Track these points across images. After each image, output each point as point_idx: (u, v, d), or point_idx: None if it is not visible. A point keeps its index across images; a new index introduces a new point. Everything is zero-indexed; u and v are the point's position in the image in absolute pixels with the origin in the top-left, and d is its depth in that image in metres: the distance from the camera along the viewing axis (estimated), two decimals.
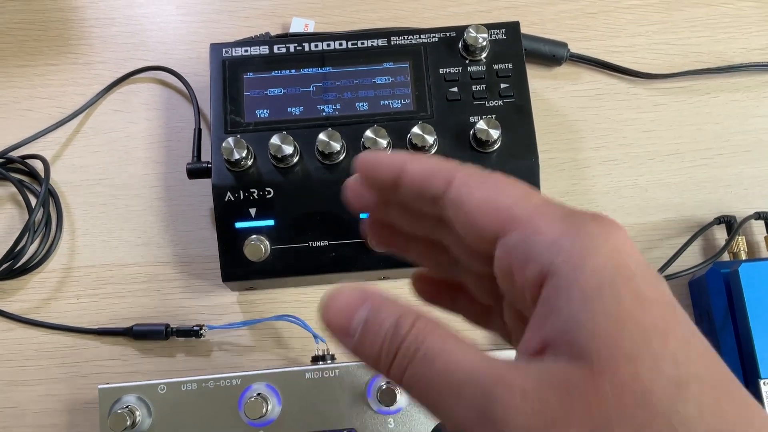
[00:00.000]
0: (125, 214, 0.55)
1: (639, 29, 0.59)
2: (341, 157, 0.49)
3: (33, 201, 0.55)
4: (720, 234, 0.54)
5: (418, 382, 0.22)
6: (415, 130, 0.48)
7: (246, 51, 0.52)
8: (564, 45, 0.57)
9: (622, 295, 0.22)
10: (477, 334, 0.33)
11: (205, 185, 0.52)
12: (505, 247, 0.24)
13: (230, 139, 0.47)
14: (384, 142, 0.47)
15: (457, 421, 0.22)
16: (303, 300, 0.53)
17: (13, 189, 0.55)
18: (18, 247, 0.52)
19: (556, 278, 0.23)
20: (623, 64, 0.58)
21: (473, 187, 0.25)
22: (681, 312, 0.22)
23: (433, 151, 0.49)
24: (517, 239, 0.24)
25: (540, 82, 0.58)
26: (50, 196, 0.55)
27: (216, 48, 0.52)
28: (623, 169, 0.56)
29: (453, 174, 0.25)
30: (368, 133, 0.48)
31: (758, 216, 0.53)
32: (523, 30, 0.53)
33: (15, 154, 0.56)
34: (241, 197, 0.49)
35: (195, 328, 0.51)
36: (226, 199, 0.49)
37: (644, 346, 0.21)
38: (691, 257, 0.53)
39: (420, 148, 0.48)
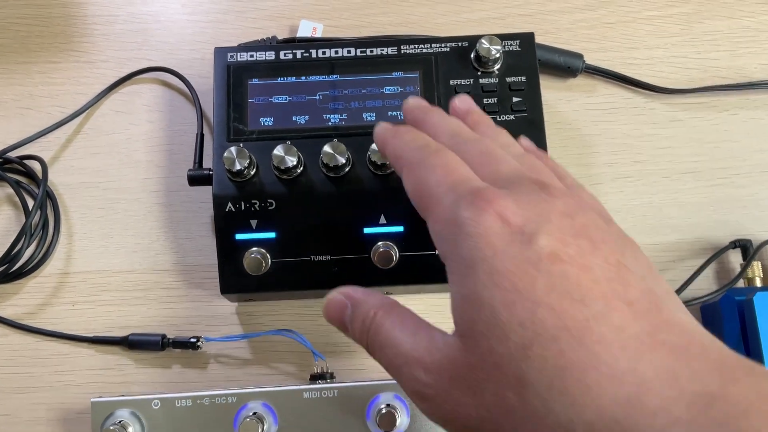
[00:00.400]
0: (124, 218, 0.54)
1: (657, 41, 0.57)
2: (346, 170, 0.47)
3: (30, 203, 0.53)
4: (735, 257, 0.52)
5: (375, 353, 0.31)
6: None
7: (251, 56, 0.50)
8: (579, 56, 0.55)
9: (478, 277, 0.26)
10: None
11: (206, 191, 0.51)
12: (429, 228, 0.31)
13: (233, 149, 0.46)
14: None
15: (403, 387, 0.29)
16: (303, 313, 0.52)
17: (10, 190, 0.53)
18: (14, 251, 0.51)
19: (446, 264, 0.29)
20: (640, 78, 0.56)
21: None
22: (534, 278, 0.25)
23: None
24: (430, 226, 0.31)
25: (553, 94, 0.56)
26: (48, 198, 0.54)
27: (220, 52, 0.50)
28: (637, 187, 0.54)
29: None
30: (375, 146, 0.46)
31: None
32: (538, 39, 0.52)
33: (13, 154, 0.54)
34: (242, 208, 0.47)
35: (192, 340, 0.50)
36: (226, 210, 0.48)
37: (493, 321, 0.25)
38: (705, 280, 0.52)
39: None
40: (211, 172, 0.49)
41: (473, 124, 0.38)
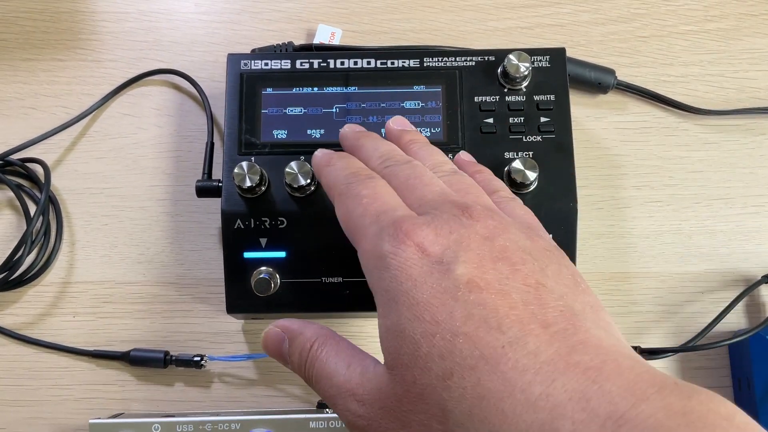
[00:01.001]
0: (129, 227, 0.52)
1: (693, 58, 0.54)
2: None
3: (32, 207, 0.51)
4: (766, 291, 0.50)
5: (313, 385, 0.31)
6: None
7: (266, 64, 0.48)
8: (611, 72, 0.52)
9: (400, 310, 0.27)
10: None
11: (215, 202, 0.49)
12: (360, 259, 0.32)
13: (244, 164, 0.44)
14: None
15: (340, 418, 0.30)
16: None
17: (11, 194, 0.51)
18: (15, 258, 0.49)
19: (374, 295, 0.30)
20: (674, 96, 0.53)
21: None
22: (452, 308, 0.26)
23: None
24: (359, 257, 0.32)
25: (582, 110, 0.53)
26: (50, 203, 0.52)
27: (234, 59, 0.48)
28: (667, 213, 0.51)
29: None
30: None
31: None
32: (568, 51, 0.49)
33: (15, 156, 0.52)
34: (252, 226, 0.45)
35: (196, 358, 0.48)
36: (235, 227, 0.45)
37: (415, 353, 0.26)
38: (733, 314, 0.49)
39: None
40: (220, 184, 0.46)
41: (407, 144, 0.39)
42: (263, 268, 0.45)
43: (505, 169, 0.45)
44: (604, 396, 0.22)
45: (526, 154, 0.45)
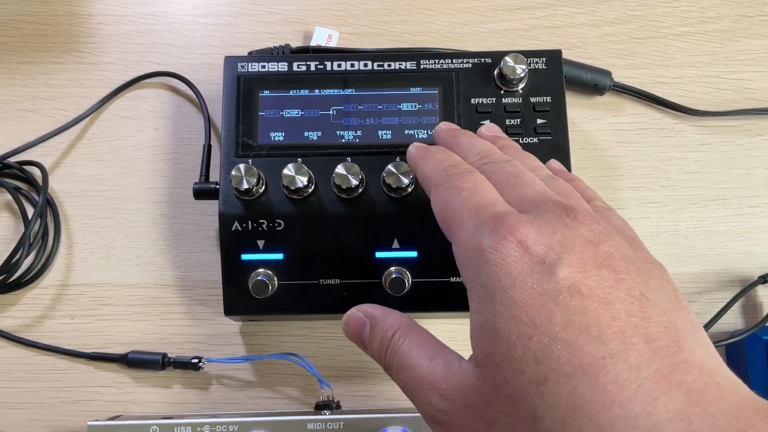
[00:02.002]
0: (126, 230, 0.52)
1: (689, 59, 0.54)
2: (359, 191, 0.45)
3: (29, 210, 0.51)
4: (763, 292, 0.50)
5: (392, 374, 0.31)
6: None
7: (263, 67, 0.48)
8: (608, 74, 0.53)
9: (496, 308, 0.26)
10: None
11: (212, 204, 0.49)
12: (453, 251, 0.31)
13: (241, 166, 0.44)
14: (406, 180, 0.43)
15: (418, 410, 0.29)
16: (309, 335, 0.50)
17: (9, 197, 0.51)
18: (13, 260, 0.49)
19: (467, 289, 0.29)
20: (670, 98, 0.53)
21: None
22: (551, 312, 0.25)
23: None
24: (454, 249, 0.31)
25: (578, 112, 0.54)
26: (48, 206, 0.52)
27: (231, 62, 0.48)
28: (663, 213, 0.52)
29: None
30: (390, 167, 0.44)
31: None
32: (564, 53, 0.49)
33: (13, 159, 0.52)
34: (249, 228, 0.45)
35: (193, 360, 0.48)
36: (232, 229, 0.45)
37: (509, 353, 0.25)
38: (730, 314, 0.49)
39: None
40: (217, 186, 0.46)
41: (502, 148, 0.38)
42: (261, 270, 0.45)
43: None
44: (707, 420, 0.21)
45: None
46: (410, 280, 0.45)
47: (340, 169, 0.44)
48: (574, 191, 0.34)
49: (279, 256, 0.45)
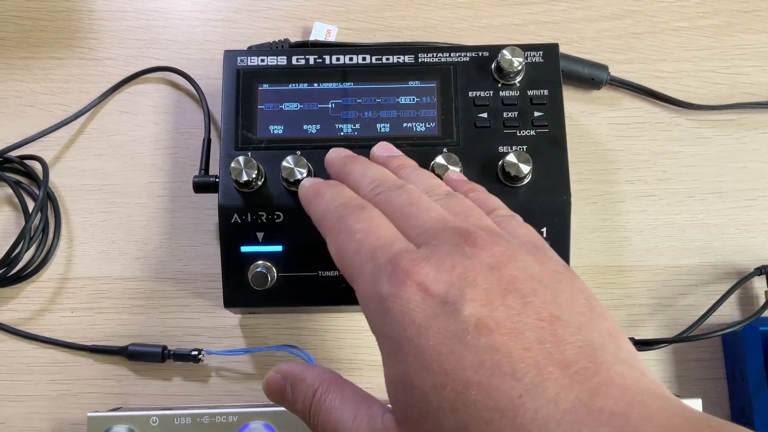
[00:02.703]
0: (126, 223, 0.52)
1: (686, 54, 0.55)
2: None
3: (30, 204, 0.52)
4: (759, 284, 0.50)
5: None
6: (439, 159, 0.44)
7: (262, 61, 0.48)
8: (605, 68, 0.53)
9: (406, 359, 0.25)
10: None
11: (212, 198, 0.49)
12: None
13: (240, 159, 0.44)
14: None
15: None
16: (308, 327, 0.50)
17: (10, 190, 0.52)
18: (13, 254, 0.50)
19: (377, 341, 0.28)
20: (667, 92, 0.53)
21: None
22: (461, 355, 0.24)
23: None
24: (357, 297, 0.30)
25: (575, 106, 0.54)
26: (48, 200, 0.52)
27: (230, 56, 0.48)
28: (660, 206, 0.52)
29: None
30: None
31: None
32: (562, 48, 0.49)
33: (13, 153, 0.53)
34: (249, 220, 0.46)
35: (193, 352, 0.48)
36: (232, 221, 0.46)
37: (425, 407, 0.24)
38: (727, 306, 0.50)
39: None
40: (217, 180, 0.47)
41: (396, 169, 0.37)
42: (260, 262, 0.45)
43: (499, 162, 0.45)
44: None
45: (519, 148, 0.46)
46: None
47: None
48: (473, 207, 0.33)
49: (278, 248, 0.46)
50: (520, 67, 0.46)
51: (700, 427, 0.21)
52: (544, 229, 0.45)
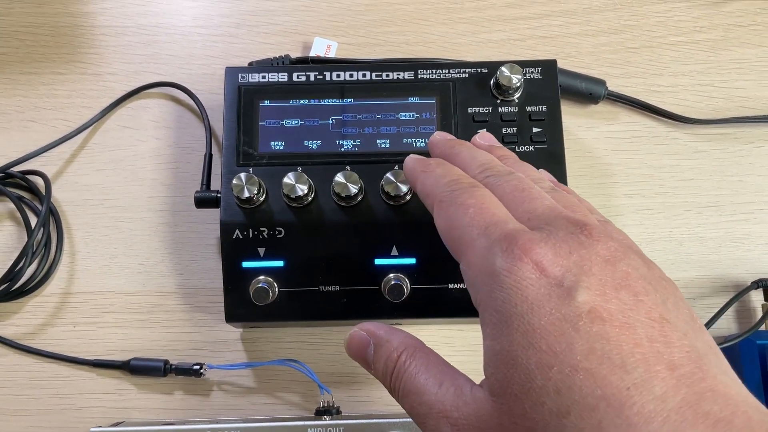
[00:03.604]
0: (128, 238, 0.52)
1: (683, 68, 0.55)
2: (359, 200, 0.46)
3: (32, 219, 0.52)
4: (756, 297, 0.51)
5: (398, 398, 0.30)
6: None
7: (263, 77, 0.48)
8: (602, 83, 0.53)
9: (513, 335, 0.25)
10: None
11: (213, 212, 0.50)
12: (462, 272, 0.30)
13: (242, 175, 0.44)
14: (404, 188, 0.44)
15: None
16: (309, 341, 0.51)
17: (12, 206, 0.52)
18: (16, 269, 0.50)
19: (480, 313, 0.27)
20: (664, 106, 0.54)
21: None
22: (572, 339, 0.24)
23: None
24: (462, 270, 0.30)
25: (573, 120, 0.54)
26: (51, 215, 0.52)
27: (232, 72, 0.48)
28: (658, 220, 0.52)
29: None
30: (389, 175, 0.45)
31: None
32: (559, 63, 0.50)
33: (16, 169, 0.53)
34: (250, 235, 0.46)
35: (195, 367, 0.49)
36: (234, 237, 0.46)
37: (528, 384, 0.24)
38: (724, 319, 0.50)
39: None
40: (218, 195, 0.47)
41: (501, 158, 0.36)
42: (262, 277, 0.45)
43: None
44: None
45: None
46: (409, 286, 0.45)
47: (339, 177, 0.44)
48: (579, 203, 0.32)
49: (279, 263, 0.46)
50: (518, 84, 0.47)
51: None
52: None
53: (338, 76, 0.49)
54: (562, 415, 0.23)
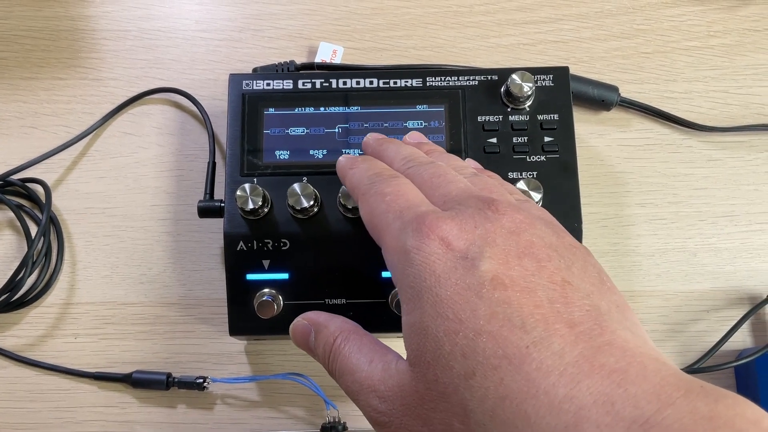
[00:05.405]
0: (130, 247, 0.51)
1: (697, 74, 0.54)
2: None
3: (32, 228, 0.51)
4: None
5: (336, 379, 0.32)
6: None
7: (268, 84, 0.47)
8: (615, 89, 0.52)
9: (423, 307, 0.27)
10: None
11: (216, 221, 0.49)
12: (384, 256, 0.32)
13: (246, 186, 0.43)
14: None
15: (363, 413, 0.30)
16: None
17: (12, 214, 0.51)
18: (16, 279, 0.49)
19: (398, 292, 0.29)
20: (677, 113, 0.53)
21: None
22: (475, 306, 0.25)
23: None
24: (383, 254, 0.31)
25: (585, 127, 0.53)
26: (51, 223, 0.51)
27: (236, 79, 0.47)
28: (671, 230, 0.51)
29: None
30: None
31: None
32: (570, 69, 0.48)
33: (15, 176, 0.52)
34: (255, 247, 0.45)
35: (198, 380, 0.48)
36: (238, 248, 0.45)
37: (438, 351, 0.26)
38: (739, 333, 0.49)
39: None
40: (222, 204, 0.46)
41: (427, 152, 0.39)
42: (266, 290, 0.44)
43: None
44: (629, 400, 0.22)
45: (529, 174, 0.45)
46: None
47: (346, 188, 0.43)
48: (497, 185, 0.34)
49: (284, 275, 0.45)
50: (530, 92, 0.46)
51: (693, 387, 0.22)
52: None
53: (344, 83, 0.47)
54: (468, 377, 0.25)
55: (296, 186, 0.43)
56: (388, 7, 0.56)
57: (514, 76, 0.46)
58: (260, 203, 0.43)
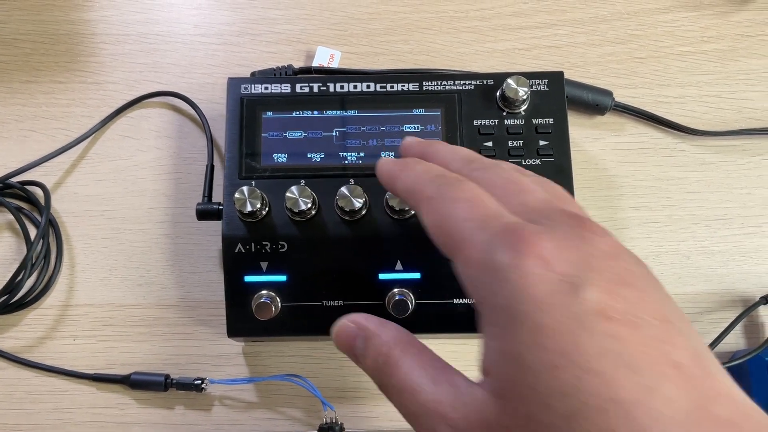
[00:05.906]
0: (129, 250, 0.52)
1: (690, 79, 0.55)
2: (363, 213, 0.45)
3: (31, 230, 0.51)
4: (765, 312, 0.50)
5: (389, 395, 0.28)
6: None
7: (266, 88, 0.48)
8: (609, 93, 0.53)
9: (519, 333, 0.24)
10: None
11: (215, 224, 0.49)
12: (457, 270, 0.28)
13: (244, 189, 0.44)
14: None
15: None
16: (312, 355, 0.50)
17: (11, 216, 0.51)
18: (15, 281, 0.49)
19: (480, 311, 0.26)
20: (671, 117, 0.53)
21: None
22: (580, 339, 0.23)
23: None
24: (459, 268, 0.28)
25: (579, 131, 0.54)
26: (50, 226, 0.52)
27: (234, 83, 0.48)
28: (665, 233, 0.52)
29: None
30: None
31: None
32: (565, 73, 0.49)
33: (14, 179, 0.52)
34: (253, 250, 0.45)
35: (196, 381, 0.48)
36: (236, 251, 0.45)
37: (535, 385, 0.23)
38: (732, 335, 0.49)
39: None
40: (220, 207, 0.47)
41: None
42: (264, 291, 0.45)
43: None
44: None
45: None
46: (413, 301, 0.45)
47: (344, 191, 0.44)
48: (569, 196, 0.31)
49: (282, 277, 0.45)
50: (525, 96, 0.46)
51: None
52: None
53: (342, 87, 0.48)
54: (570, 418, 0.22)
55: (294, 189, 0.44)
56: (385, 12, 0.56)
57: (509, 80, 0.46)
58: (258, 206, 0.44)
